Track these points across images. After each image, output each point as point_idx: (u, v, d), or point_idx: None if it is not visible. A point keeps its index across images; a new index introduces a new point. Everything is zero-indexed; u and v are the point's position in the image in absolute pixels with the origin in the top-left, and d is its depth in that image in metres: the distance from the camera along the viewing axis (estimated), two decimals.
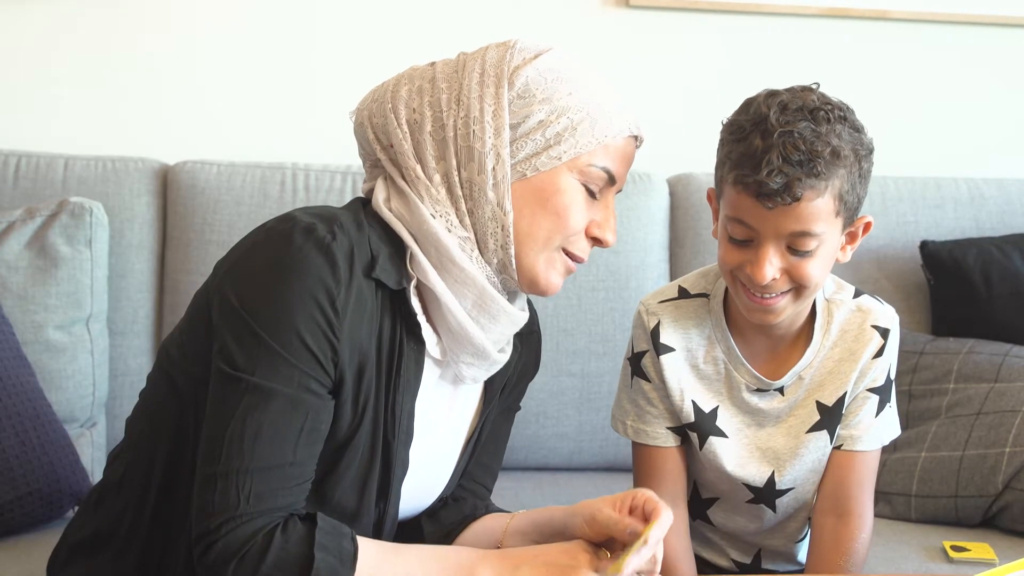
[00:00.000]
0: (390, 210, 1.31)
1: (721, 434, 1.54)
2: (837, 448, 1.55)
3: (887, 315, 1.55)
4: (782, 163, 1.36)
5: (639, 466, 1.59)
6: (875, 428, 1.55)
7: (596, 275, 2.31)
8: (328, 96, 2.50)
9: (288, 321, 1.21)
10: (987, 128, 2.67)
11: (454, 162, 1.29)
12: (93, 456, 2.14)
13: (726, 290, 1.55)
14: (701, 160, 2.53)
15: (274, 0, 2.52)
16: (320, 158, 2.38)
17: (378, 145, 1.34)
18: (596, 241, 1.36)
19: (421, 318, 1.31)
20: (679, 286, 1.60)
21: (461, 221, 1.30)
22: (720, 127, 1.49)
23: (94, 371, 2.18)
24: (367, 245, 1.27)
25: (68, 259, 2.14)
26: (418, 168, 1.30)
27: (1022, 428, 2.05)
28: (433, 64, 1.36)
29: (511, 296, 1.37)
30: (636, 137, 1.38)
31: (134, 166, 2.30)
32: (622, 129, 1.34)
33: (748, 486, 1.56)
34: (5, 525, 1.87)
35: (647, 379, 1.56)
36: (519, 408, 1.57)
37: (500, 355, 1.37)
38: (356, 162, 2.34)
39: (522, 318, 1.37)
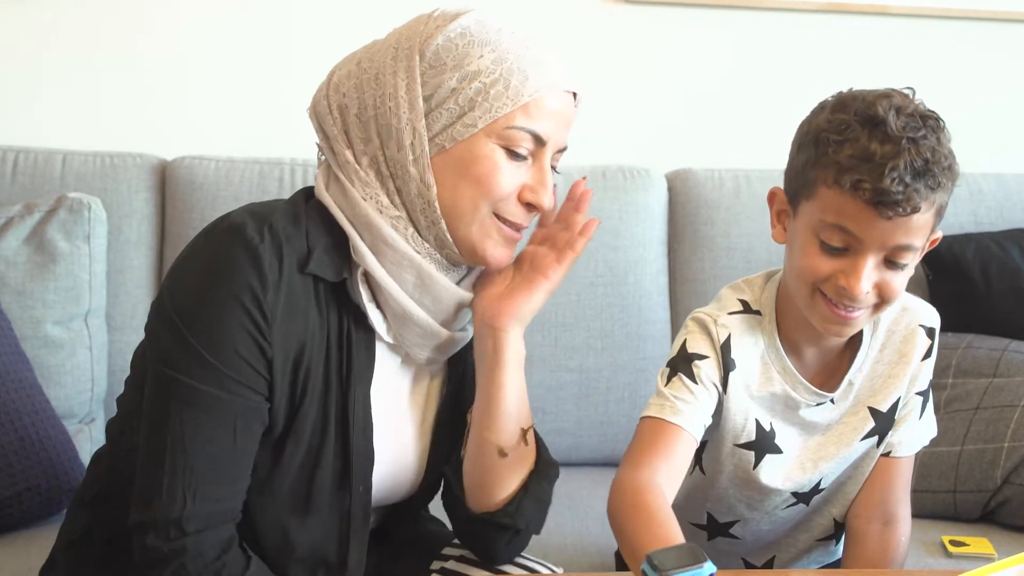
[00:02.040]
0: (328, 195, 1.31)
1: (777, 451, 1.50)
2: (885, 455, 1.52)
3: (931, 314, 1.52)
4: (906, 171, 1.28)
5: (646, 436, 1.41)
6: (919, 431, 1.53)
7: (594, 271, 2.31)
8: None
9: (216, 327, 1.22)
10: (986, 123, 2.67)
11: (377, 142, 1.28)
12: (92, 452, 2.11)
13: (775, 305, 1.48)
14: (699, 155, 2.55)
15: None
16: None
17: (320, 133, 1.34)
18: (530, 206, 1.31)
19: (369, 306, 1.31)
20: (738, 299, 1.50)
21: (392, 201, 1.29)
22: (799, 125, 1.41)
23: (92, 367, 2.18)
24: (303, 239, 1.27)
25: (66, 255, 2.14)
26: (347, 153, 1.29)
27: (1021, 423, 2.05)
28: (365, 46, 1.35)
29: (466, 271, 1.36)
30: (572, 93, 1.32)
31: (132, 162, 2.30)
32: (542, 86, 1.27)
33: (794, 493, 1.53)
34: (3, 521, 1.87)
35: (694, 381, 1.43)
36: None
37: (459, 334, 1.37)
38: None
39: (467, 296, 1.35)
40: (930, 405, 1.55)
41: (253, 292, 1.22)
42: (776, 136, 2.74)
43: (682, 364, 1.45)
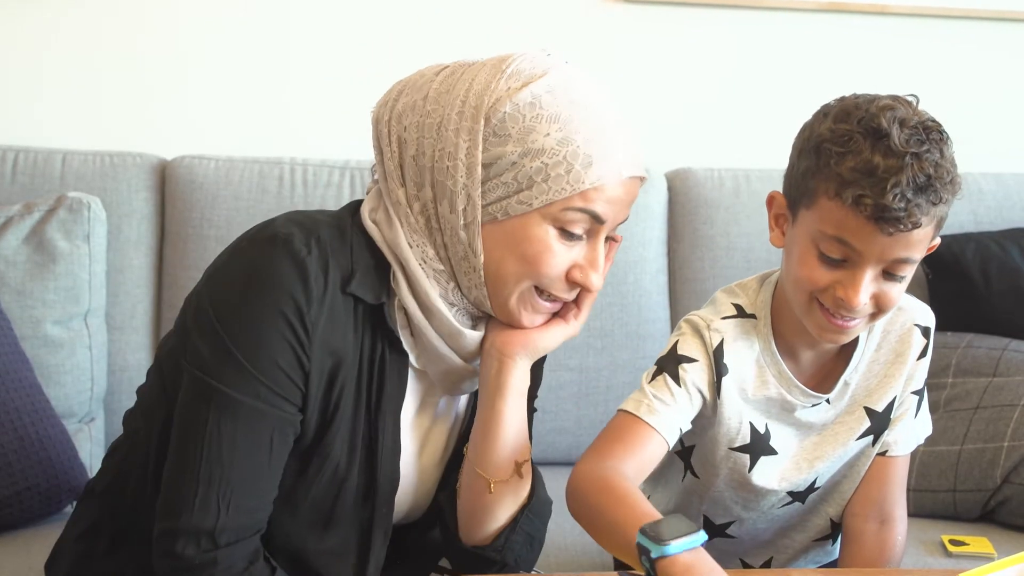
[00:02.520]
0: (374, 223, 1.29)
1: (772, 452, 1.49)
2: (881, 454, 1.51)
3: (926, 313, 1.52)
4: (908, 187, 1.26)
5: (617, 430, 1.41)
6: (914, 430, 1.53)
7: None
8: (327, 91, 2.50)
9: (257, 337, 1.21)
10: (985, 123, 2.67)
11: (431, 194, 1.26)
12: (91, 451, 2.14)
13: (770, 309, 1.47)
14: (699, 155, 2.55)
15: None
16: (318, 153, 2.38)
17: (377, 152, 1.31)
18: (576, 285, 1.29)
19: (403, 332, 1.30)
20: (732, 303, 1.49)
21: (438, 254, 1.27)
22: (800, 129, 1.39)
23: (92, 366, 2.18)
24: (348, 257, 1.26)
25: (66, 254, 2.14)
26: (400, 192, 1.27)
27: (1020, 422, 2.05)
28: (438, 73, 1.30)
29: None
30: (636, 177, 1.29)
31: (132, 161, 2.30)
32: (605, 174, 1.23)
33: (790, 493, 1.52)
34: (3, 520, 1.87)
35: (677, 383, 1.42)
36: (535, 409, 1.49)
37: (477, 367, 1.36)
38: (354, 157, 2.35)
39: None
40: (925, 403, 1.54)
41: (297, 305, 1.21)
42: (776, 136, 2.74)
43: (669, 365, 1.43)
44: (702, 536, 1.10)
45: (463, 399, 1.44)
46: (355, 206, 1.34)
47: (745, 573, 1.62)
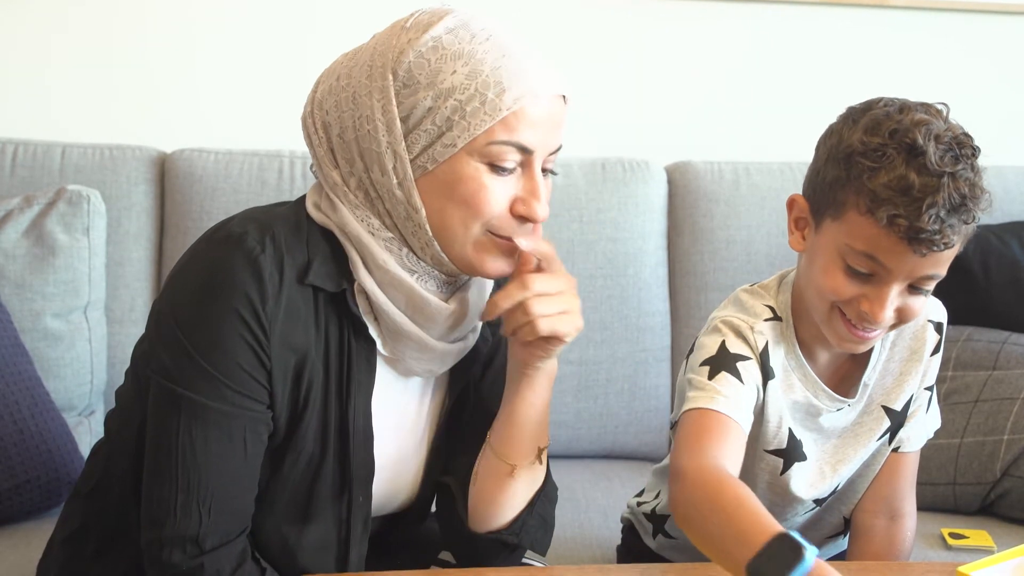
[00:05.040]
0: (320, 211, 1.28)
1: (803, 458, 1.47)
2: (894, 451, 1.51)
3: (939, 308, 1.51)
4: (943, 208, 1.23)
5: (695, 426, 1.34)
6: (925, 425, 1.53)
7: (594, 263, 2.30)
8: None
9: (216, 339, 1.21)
10: (985, 116, 2.65)
11: (361, 164, 1.24)
12: (91, 444, 2.12)
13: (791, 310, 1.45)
14: (699, 148, 2.54)
15: None
16: None
17: (310, 149, 1.30)
18: (523, 219, 1.25)
19: (367, 317, 1.28)
20: (766, 305, 1.45)
21: (383, 222, 1.25)
22: (826, 133, 1.36)
23: (92, 359, 2.18)
24: (304, 249, 1.25)
25: (66, 247, 2.14)
26: (334, 174, 1.26)
27: (1020, 415, 2.05)
28: (347, 53, 1.30)
29: (467, 279, 1.32)
30: (558, 96, 1.25)
31: (131, 154, 2.29)
32: (520, 96, 1.20)
33: (815, 501, 1.51)
34: (3, 513, 1.87)
35: (739, 380, 1.37)
36: None
37: (455, 344, 1.34)
38: None
39: (466, 307, 1.32)
40: (935, 398, 1.54)
41: (251, 303, 1.20)
42: (776, 129, 2.75)
43: (726, 363, 1.39)
44: (812, 552, 1.07)
45: (443, 379, 1.41)
46: (305, 199, 1.33)
47: None
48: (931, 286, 1.34)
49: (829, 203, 1.33)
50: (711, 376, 1.38)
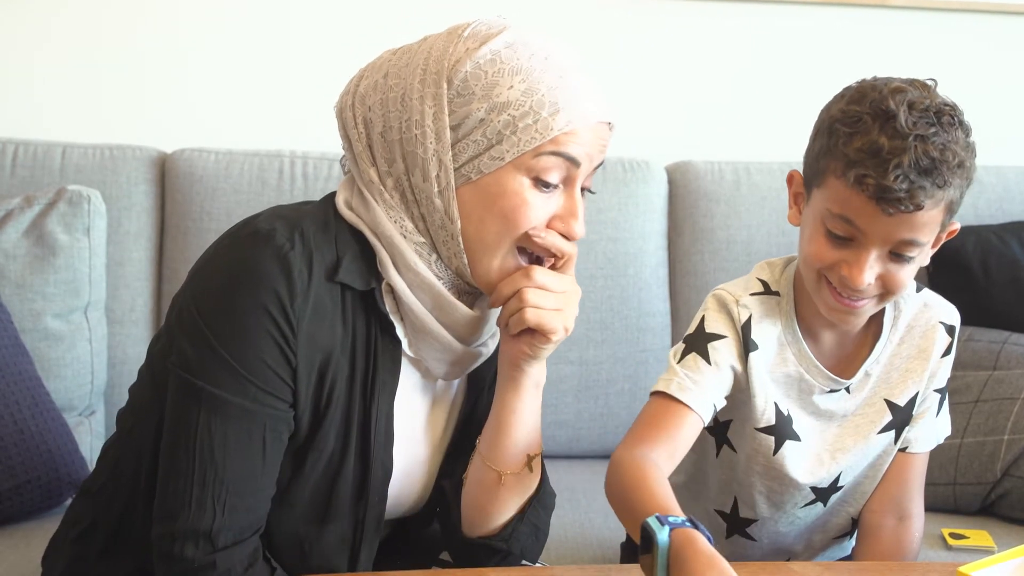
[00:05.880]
0: (351, 209, 1.28)
1: (796, 438, 1.49)
2: (901, 451, 1.52)
3: (951, 312, 1.52)
4: (910, 169, 1.27)
5: (650, 414, 1.42)
6: (936, 428, 1.54)
7: (594, 263, 2.31)
8: (326, 83, 2.48)
9: (242, 335, 1.20)
10: (986, 116, 2.65)
11: (402, 166, 1.25)
12: (92, 444, 2.14)
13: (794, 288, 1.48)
14: (699, 147, 2.54)
15: None
16: (318, 145, 2.38)
17: (345, 141, 1.30)
18: (561, 235, 1.26)
19: (394, 316, 1.28)
20: (758, 279, 1.50)
21: (416, 226, 1.26)
22: (820, 112, 1.40)
23: (92, 359, 2.18)
24: (333, 247, 1.25)
25: (66, 247, 2.14)
26: (371, 172, 1.26)
27: (1020, 415, 2.05)
28: (395, 52, 1.30)
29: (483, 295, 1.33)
30: (605, 123, 1.27)
31: (132, 154, 2.29)
32: (573, 119, 1.22)
33: (814, 488, 1.52)
34: (4, 513, 1.87)
35: (708, 362, 1.43)
36: None
37: (477, 349, 1.34)
38: None
39: (486, 314, 1.32)
40: (946, 403, 1.55)
41: (280, 300, 1.19)
42: (776, 128, 2.74)
43: (698, 343, 1.44)
44: (664, 534, 1.11)
45: (456, 383, 1.42)
46: (332, 198, 1.33)
47: (750, 565, 1.62)
48: (913, 253, 1.35)
49: (815, 172, 1.38)
50: (682, 357, 1.44)
